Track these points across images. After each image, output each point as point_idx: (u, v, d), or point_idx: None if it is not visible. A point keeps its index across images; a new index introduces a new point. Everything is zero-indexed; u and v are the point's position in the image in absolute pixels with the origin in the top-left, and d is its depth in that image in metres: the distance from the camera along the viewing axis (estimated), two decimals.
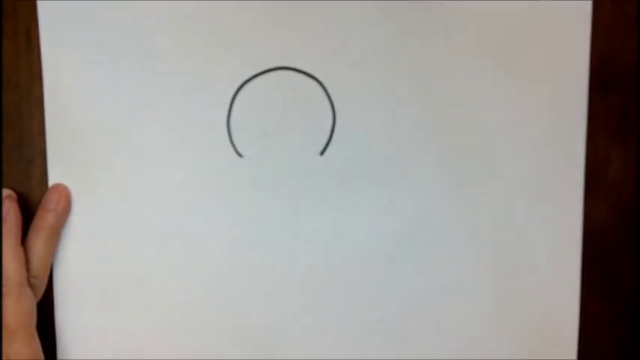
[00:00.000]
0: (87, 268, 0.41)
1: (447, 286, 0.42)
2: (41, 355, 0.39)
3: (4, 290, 0.38)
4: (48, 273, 0.40)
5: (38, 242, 0.39)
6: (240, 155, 0.41)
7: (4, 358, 0.38)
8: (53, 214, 0.40)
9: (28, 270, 0.39)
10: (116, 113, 0.41)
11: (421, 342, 0.42)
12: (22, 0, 0.40)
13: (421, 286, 0.42)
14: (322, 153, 0.41)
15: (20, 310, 0.38)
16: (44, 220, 0.40)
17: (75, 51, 0.40)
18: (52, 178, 0.41)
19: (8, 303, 0.37)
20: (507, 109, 0.41)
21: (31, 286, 0.39)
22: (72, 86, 0.40)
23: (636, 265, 0.43)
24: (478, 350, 0.43)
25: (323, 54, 0.41)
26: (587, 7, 0.41)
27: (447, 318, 0.42)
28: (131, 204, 0.41)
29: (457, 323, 0.42)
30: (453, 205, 0.42)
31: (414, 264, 0.42)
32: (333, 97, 0.41)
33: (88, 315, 0.42)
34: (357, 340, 0.42)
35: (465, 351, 0.43)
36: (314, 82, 0.41)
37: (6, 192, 0.40)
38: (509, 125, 0.41)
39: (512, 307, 0.42)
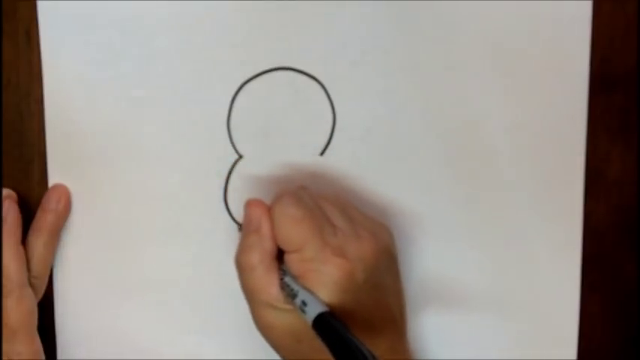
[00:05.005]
0: (87, 268, 0.41)
1: (446, 286, 0.42)
2: (42, 355, 0.39)
3: (5, 290, 0.38)
4: (48, 273, 0.40)
5: (38, 242, 0.39)
6: (240, 155, 0.41)
7: (5, 357, 0.38)
8: (53, 214, 0.40)
9: (28, 270, 0.39)
10: (116, 113, 0.41)
11: (421, 342, 0.42)
12: (22, 0, 0.40)
13: (421, 286, 0.42)
14: (322, 153, 0.41)
15: (21, 310, 0.38)
16: (44, 220, 0.40)
17: (75, 51, 0.40)
18: (52, 178, 0.41)
19: (9, 303, 0.38)
20: (507, 109, 0.41)
21: (31, 286, 0.39)
22: (72, 86, 0.40)
23: (636, 265, 0.43)
24: (478, 350, 0.43)
25: (323, 54, 0.41)
26: (587, 8, 0.41)
27: (446, 318, 0.42)
28: (131, 204, 0.41)
29: (457, 323, 0.42)
30: (453, 205, 0.42)
31: (413, 264, 0.42)
32: (333, 97, 0.41)
33: (88, 315, 0.42)
34: None
35: (465, 351, 0.43)
36: (314, 82, 0.41)
37: (6, 192, 0.40)
38: (509, 125, 0.41)
39: (512, 307, 0.42)
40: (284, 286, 0.34)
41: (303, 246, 0.34)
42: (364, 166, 0.41)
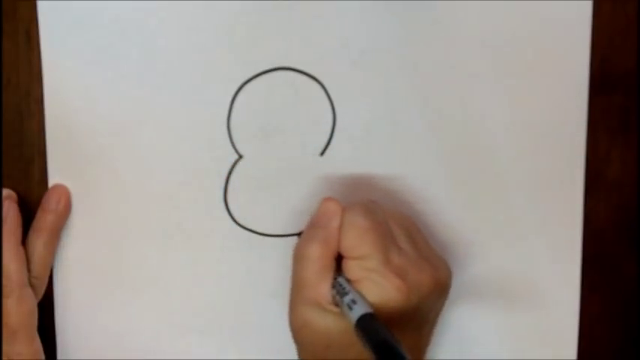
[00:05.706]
0: (87, 268, 0.41)
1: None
2: (42, 355, 0.39)
3: (5, 291, 0.38)
4: (48, 273, 0.40)
5: (38, 243, 0.39)
6: (240, 155, 0.41)
7: (5, 358, 0.38)
8: (53, 214, 0.40)
9: (28, 270, 0.39)
10: (116, 113, 0.41)
11: None
12: (22, 0, 0.40)
13: None
14: (322, 153, 0.41)
15: (21, 311, 0.38)
16: (44, 220, 0.40)
17: (75, 51, 0.40)
18: (52, 178, 0.41)
19: (9, 303, 0.38)
20: (507, 109, 0.41)
21: (31, 286, 0.39)
22: (72, 86, 0.40)
23: (636, 265, 0.43)
24: (478, 350, 0.43)
25: (323, 54, 0.41)
26: (587, 8, 0.41)
27: (447, 318, 0.42)
28: (131, 204, 0.41)
29: (457, 323, 0.42)
30: (452, 205, 0.42)
31: None
32: (333, 97, 0.41)
33: (88, 315, 0.42)
34: None
35: (466, 351, 0.43)
36: (314, 82, 0.41)
37: (6, 192, 0.40)
38: (509, 125, 0.41)
39: (512, 307, 0.42)
40: (335, 285, 0.34)
41: (364, 256, 0.34)
42: (364, 166, 0.41)
